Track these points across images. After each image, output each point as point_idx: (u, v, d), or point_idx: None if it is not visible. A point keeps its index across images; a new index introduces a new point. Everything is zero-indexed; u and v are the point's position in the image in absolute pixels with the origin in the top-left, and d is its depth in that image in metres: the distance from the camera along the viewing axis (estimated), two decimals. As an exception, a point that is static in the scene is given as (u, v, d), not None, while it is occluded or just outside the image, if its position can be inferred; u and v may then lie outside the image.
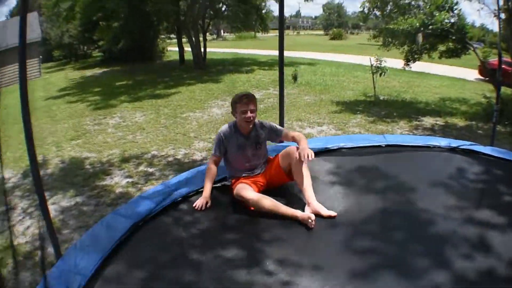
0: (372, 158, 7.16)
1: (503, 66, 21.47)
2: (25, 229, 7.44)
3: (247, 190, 5.20)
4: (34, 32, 33.13)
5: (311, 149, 5.88)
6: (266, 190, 5.52)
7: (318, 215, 4.96)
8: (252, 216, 5.08)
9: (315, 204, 5.09)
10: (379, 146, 7.77)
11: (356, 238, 4.64)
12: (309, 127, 13.82)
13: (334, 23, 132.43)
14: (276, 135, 5.92)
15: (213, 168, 5.67)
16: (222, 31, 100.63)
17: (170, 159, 10.79)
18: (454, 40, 16.23)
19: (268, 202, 5.04)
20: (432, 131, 13.47)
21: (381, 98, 18.88)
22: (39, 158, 10.31)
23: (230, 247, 4.47)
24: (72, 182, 9.41)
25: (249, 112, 5.51)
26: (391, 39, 17.84)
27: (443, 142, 7.85)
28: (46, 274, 4.02)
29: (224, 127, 5.75)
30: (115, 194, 8.67)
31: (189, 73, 28.80)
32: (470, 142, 8.02)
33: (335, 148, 7.59)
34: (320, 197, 5.28)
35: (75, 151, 11.89)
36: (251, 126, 5.70)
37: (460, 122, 14.76)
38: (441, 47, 17.62)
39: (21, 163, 10.61)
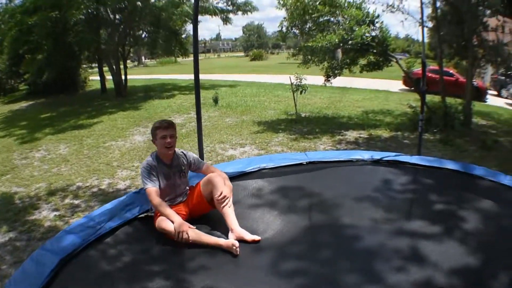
0: (294, 177, 7.46)
1: (430, 75, 22.25)
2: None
3: (167, 222, 5.34)
4: None
5: (231, 173, 6.35)
6: (189, 219, 5.72)
7: (242, 240, 5.19)
8: (177, 246, 5.23)
9: (238, 229, 5.35)
10: (301, 164, 8.03)
11: (283, 260, 4.81)
12: (232, 148, 14.14)
13: (255, 44, 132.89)
14: (197, 167, 6.25)
15: (159, 199, 5.61)
16: (143, 58, 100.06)
17: (94, 189, 10.94)
18: (376, 53, 16.70)
19: (191, 233, 5.25)
20: (356, 144, 13.98)
21: (303, 115, 19.43)
22: None
23: (157, 279, 4.64)
24: (5, 218, 9.52)
25: (168, 137, 5.79)
26: (310, 56, 18.03)
27: (366, 155, 8.24)
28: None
29: (148, 159, 5.91)
30: (44, 228, 8.83)
31: (110, 102, 28.86)
32: (395, 153, 8.46)
33: (255, 170, 7.78)
34: (243, 221, 5.59)
35: (5, 186, 11.95)
36: (171, 153, 5.96)
37: (384, 133, 15.36)
38: (362, 61, 18.04)
39: None
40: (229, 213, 5.57)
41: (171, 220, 5.38)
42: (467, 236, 5.10)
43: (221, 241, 5.18)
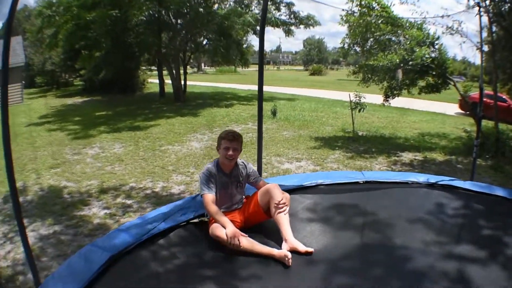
0: (350, 195, 7.27)
1: (485, 99, 21.77)
2: (6, 253, 7.43)
3: (221, 229, 5.21)
4: (17, 57, 32.97)
5: (289, 186, 6.10)
6: (243, 228, 5.55)
7: (295, 251, 5.06)
8: (229, 254, 5.11)
9: (293, 240, 5.19)
10: (357, 182, 7.88)
11: (334, 274, 4.68)
12: (288, 162, 13.82)
13: (314, 59, 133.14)
14: (255, 181, 6.11)
15: (215, 206, 5.53)
16: (203, 65, 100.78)
17: (148, 191, 10.73)
18: (434, 75, 16.28)
19: (244, 241, 5.09)
20: (411, 166, 13.56)
21: (360, 133, 18.99)
22: (19, 184, 10.53)
23: (207, 284, 4.51)
24: (51, 211, 9.37)
25: (231, 150, 5.66)
26: (370, 75, 17.76)
27: (421, 178, 8.00)
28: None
29: (208, 166, 5.82)
30: (92, 225, 8.62)
31: (168, 106, 28.94)
32: (449, 178, 8.19)
33: (313, 185, 7.65)
34: (297, 234, 5.42)
35: (54, 179, 11.84)
36: (231, 164, 5.82)
37: (439, 157, 14.88)
38: (421, 83, 17.54)
39: (2, 187, 10.50)
40: (284, 223, 5.46)
41: (224, 228, 5.26)
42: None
43: (274, 251, 5.07)
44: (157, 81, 37.00)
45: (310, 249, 5.13)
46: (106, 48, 29.49)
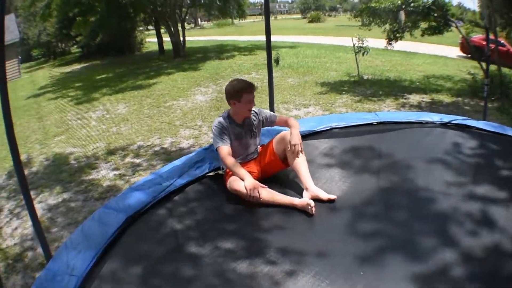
0: (365, 137, 6.98)
1: (483, 43, 21.78)
2: (13, 231, 7.22)
3: (240, 182, 4.92)
4: (12, 34, 32.81)
5: (302, 131, 5.74)
6: (260, 178, 5.24)
7: (317, 199, 4.77)
8: (249, 206, 4.86)
9: (314, 188, 4.91)
10: (372, 124, 7.60)
11: (359, 221, 4.47)
12: (296, 109, 13.62)
13: (312, 6, 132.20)
14: (271, 121, 5.74)
15: (232, 158, 5.21)
16: (199, 20, 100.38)
17: (156, 148, 10.59)
18: (436, 17, 16.14)
19: (264, 193, 4.82)
20: (419, 108, 13.41)
21: (365, 77, 18.73)
22: (23, 157, 10.37)
23: (229, 239, 4.26)
24: (58, 179, 9.19)
25: (253, 100, 5.35)
26: (372, 18, 17.64)
27: (435, 117, 7.70)
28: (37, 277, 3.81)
29: (219, 119, 5.42)
30: (102, 187, 8.46)
31: (169, 63, 28.58)
32: (462, 117, 7.90)
33: (327, 129, 7.36)
34: (316, 181, 5.16)
35: (59, 147, 11.64)
36: (249, 114, 5.49)
37: (446, 98, 14.72)
38: (423, 25, 17.52)
39: (5, 163, 10.36)
40: (303, 171, 5.16)
41: (243, 180, 4.94)
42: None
43: (296, 200, 4.77)
44: (155, 40, 36.51)
45: (332, 196, 4.84)
46: (101, 12, 29.15)
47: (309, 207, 4.52)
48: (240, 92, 5.28)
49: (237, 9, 35.75)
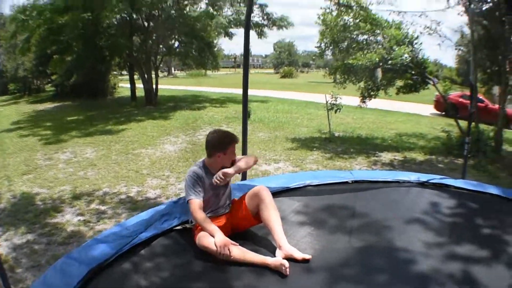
0: (341, 196, 7.03)
1: (460, 100, 22.22)
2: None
3: (210, 238, 4.82)
4: None
5: (276, 188, 6.09)
6: (231, 234, 5.20)
7: (291, 258, 4.70)
8: (219, 264, 4.72)
9: (287, 247, 4.84)
10: (346, 182, 7.66)
11: (335, 283, 4.40)
12: (265, 164, 13.69)
13: (285, 62, 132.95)
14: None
15: (202, 213, 5.12)
16: (173, 69, 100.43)
17: (122, 196, 10.47)
18: (414, 74, 16.38)
19: (235, 251, 4.72)
20: (391, 166, 13.58)
21: (337, 134, 19.00)
22: None
23: None
24: (24, 219, 9.09)
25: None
26: (346, 75, 17.80)
27: (412, 176, 7.85)
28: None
29: (194, 168, 5.39)
30: (66, 232, 8.35)
31: (140, 110, 28.67)
32: (440, 176, 8.08)
33: (301, 186, 7.40)
34: (290, 239, 5.10)
35: (26, 186, 11.52)
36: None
37: (419, 156, 14.94)
38: (399, 83, 17.76)
39: None
40: (276, 228, 5.04)
41: (213, 236, 4.84)
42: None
43: (269, 259, 4.66)
44: (128, 85, 36.49)
45: (307, 256, 4.76)
46: (78, 52, 29.23)
47: (283, 267, 4.46)
48: (227, 144, 5.38)
49: (211, 60, 35.96)
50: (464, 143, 9.75)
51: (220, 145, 5.38)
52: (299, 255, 4.75)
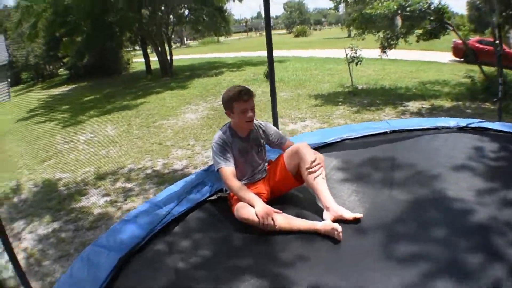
0: (381, 148, 6.49)
1: (477, 45, 21.73)
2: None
3: (249, 209, 4.22)
4: (0, 56, 32.60)
5: (312, 144, 5.24)
6: (271, 199, 4.66)
7: (340, 220, 4.12)
8: (263, 235, 4.16)
9: (335, 207, 4.23)
10: (385, 133, 7.14)
11: (393, 241, 3.85)
12: (292, 123, 13.26)
13: (296, 21, 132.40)
14: (280, 143, 5.09)
15: (237, 181, 4.53)
16: (185, 39, 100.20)
17: (148, 171, 10.11)
18: (433, 20, 15.96)
19: (279, 219, 4.13)
20: (420, 114, 13.12)
21: (360, 87, 18.52)
22: (13, 183, 10.16)
23: (246, 276, 3.57)
24: (47, 207, 8.72)
25: (249, 110, 4.61)
26: (365, 26, 17.41)
27: (451, 122, 7.29)
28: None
29: (219, 133, 4.73)
30: (93, 216, 7.98)
31: (157, 82, 28.28)
32: (478, 120, 7.52)
33: (337, 140, 6.91)
34: (335, 198, 4.42)
35: (47, 172, 11.17)
36: (251, 126, 4.82)
37: (446, 103, 14.49)
38: (418, 30, 17.37)
39: None
40: (321, 188, 4.42)
41: (252, 206, 4.25)
42: None
43: (318, 224, 4.06)
44: (142, 60, 36.15)
45: (358, 215, 4.17)
46: (87, 31, 28.90)
47: (336, 232, 3.86)
48: (230, 102, 4.67)
49: (224, 25, 35.58)
50: (499, 84, 9.30)
51: (225, 103, 4.74)
52: (349, 215, 4.17)
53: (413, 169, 5.45)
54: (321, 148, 6.50)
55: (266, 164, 5.12)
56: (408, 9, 15.41)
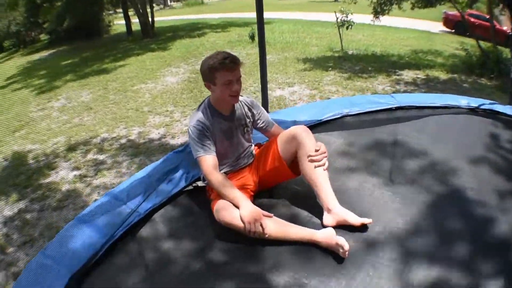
0: (388, 128, 5.61)
1: (471, 19, 21.64)
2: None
3: (232, 211, 3.37)
4: None
5: (306, 121, 4.79)
6: (258, 191, 3.93)
7: (345, 225, 3.35)
8: (248, 243, 3.33)
9: (339, 210, 3.44)
10: (390, 109, 6.30)
11: (412, 257, 3.07)
12: (279, 88, 12.61)
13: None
14: (265, 126, 4.19)
15: (219, 174, 3.65)
16: (168, 0, 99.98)
17: (122, 141, 9.53)
18: None
19: (270, 226, 3.31)
20: (415, 85, 12.80)
21: (350, 52, 17.98)
22: None
23: None
24: (15, 183, 8.17)
25: (235, 82, 3.69)
26: None
27: (462, 100, 6.58)
28: None
29: (198, 115, 3.81)
30: (61, 193, 7.41)
31: (137, 44, 27.68)
32: (489, 101, 6.79)
33: (337, 116, 5.98)
34: (337, 194, 3.56)
35: (18, 144, 10.61)
36: (236, 101, 3.91)
37: (441, 75, 14.17)
38: None
39: None
40: (324, 184, 3.57)
41: (236, 206, 3.39)
42: None
43: (318, 235, 3.26)
44: (123, 22, 35.54)
45: (366, 220, 3.34)
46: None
47: (341, 250, 3.09)
48: (212, 71, 3.68)
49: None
50: (484, 63, 8.86)
51: (205, 73, 3.77)
52: (355, 220, 3.35)
53: (426, 159, 4.66)
54: (318, 126, 5.67)
55: (253, 146, 4.28)
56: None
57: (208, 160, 3.64)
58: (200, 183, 4.20)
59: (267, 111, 4.63)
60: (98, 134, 10.21)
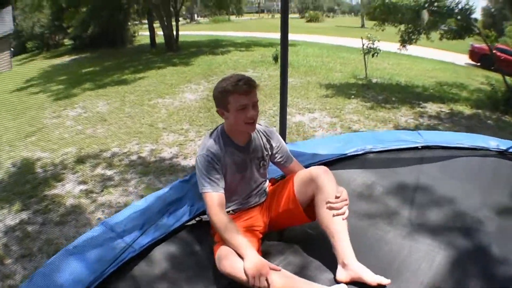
0: (414, 169, 5.28)
1: (498, 53, 21.36)
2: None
3: (236, 262, 2.97)
4: (5, 26, 32.58)
5: (326, 156, 4.50)
6: (267, 232, 3.59)
7: (359, 282, 3.00)
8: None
9: (356, 266, 3.05)
10: (416, 148, 5.94)
11: None
12: (299, 114, 12.33)
13: (310, 6, 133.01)
14: (283, 161, 3.78)
15: (225, 215, 3.22)
16: (196, 15, 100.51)
17: (133, 157, 9.34)
18: (459, 19, 15.55)
19: (277, 280, 2.87)
20: (439, 119, 12.45)
21: (374, 81, 17.72)
22: None
23: None
24: (20, 192, 8.01)
25: (251, 107, 3.31)
26: (386, 16, 17.15)
27: (492, 142, 6.16)
28: None
29: (209, 142, 3.43)
30: (65, 207, 7.22)
31: (160, 56, 27.61)
32: None
33: (359, 153, 5.64)
34: (354, 244, 3.18)
35: (28, 149, 10.45)
36: (253, 130, 3.51)
37: (466, 109, 13.77)
38: (443, 28, 17.04)
39: None
40: (341, 235, 3.20)
41: (240, 256, 3.00)
42: None
43: None
44: (148, 33, 35.76)
45: (384, 281, 2.97)
46: (93, 2, 28.43)
47: None
48: (224, 94, 3.33)
49: (234, 3, 35.14)
50: (509, 98, 8.57)
51: (218, 98, 3.41)
52: (371, 278, 2.99)
53: (451, 208, 4.26)
54: (337, 161, 5.33)
55: (267, 183, 3.90)
56: (436, 4, 15.07)
57: (214, 198, 3.25)
58: (204, 217, 3.87)
59: (285, 137, 4.32)
60: (109, 148, 10.07)
